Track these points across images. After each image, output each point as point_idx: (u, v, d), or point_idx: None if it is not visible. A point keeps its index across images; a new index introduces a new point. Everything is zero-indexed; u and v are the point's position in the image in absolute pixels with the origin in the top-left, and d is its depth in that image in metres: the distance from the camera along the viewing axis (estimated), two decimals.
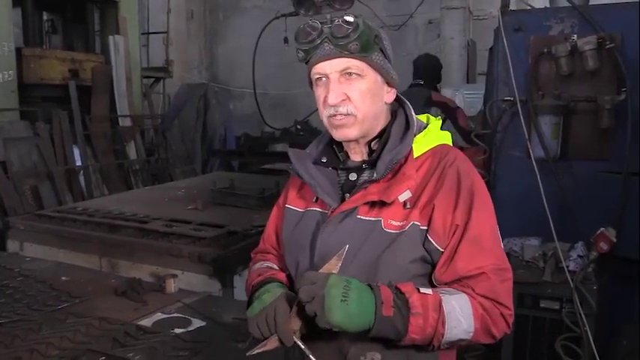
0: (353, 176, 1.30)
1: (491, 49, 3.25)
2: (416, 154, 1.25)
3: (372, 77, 1.23)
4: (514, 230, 2.73)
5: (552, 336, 2.47)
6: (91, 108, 7.17)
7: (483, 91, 3.63)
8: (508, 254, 2.65)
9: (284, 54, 6.66)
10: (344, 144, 1.32)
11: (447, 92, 5.69)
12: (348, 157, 1.32)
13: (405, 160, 1.24)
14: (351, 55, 1.20)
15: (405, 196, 1.20)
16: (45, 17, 8.43)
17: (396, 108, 1.34)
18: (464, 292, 1.17)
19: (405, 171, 1.22)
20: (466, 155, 1.35)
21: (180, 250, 3.02)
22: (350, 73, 1.21)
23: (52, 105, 6.62)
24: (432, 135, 1.29)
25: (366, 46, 1.20)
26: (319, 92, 1.25)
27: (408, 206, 1.20)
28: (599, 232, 2.48)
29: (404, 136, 1.26)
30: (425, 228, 1.20)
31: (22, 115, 6.38)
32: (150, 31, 9.55)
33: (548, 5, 3.10)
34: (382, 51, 1.25)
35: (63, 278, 2.77)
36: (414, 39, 10.08)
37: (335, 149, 1.34)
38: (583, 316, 2.38)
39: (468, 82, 7.76)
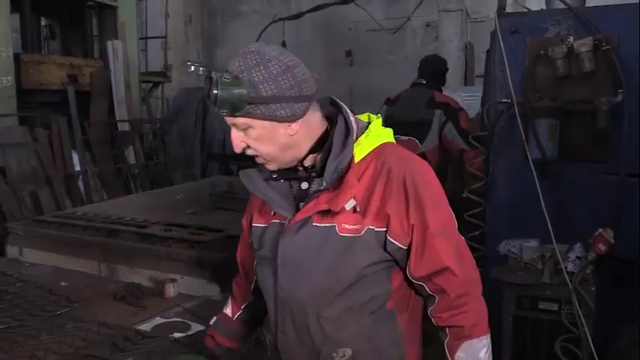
0: (304, 185, 1.35)
1: (488, 51, 3.25)
2: (358, 157, 1.29)
3: (258, 126, 1.25)
4: (512, 232, 2.73)
5: (551, 337, 2.47)
6: (90, 113, 7.19)
7: (481, 94, 3.64)
8: (506, 256, 2.68)
9: None
10: None
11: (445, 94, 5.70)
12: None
13: (349, 166, 1.27)
14: (229, 115, 1.23)
15: (350, 204, 1.26)
16: (43, 23, 8.46)
17: (335, 113, 1.35)
18: (462, 339, 1.29)
19: (347, 179, 1.26)
20: (467, 157, 1.41)
21: (179, 255, 3.02)
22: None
23: (51, 110, 6.64)
24: (372, 136, 1.33)
25: (235, 108, 1.20)
26: None
27: (358, 210, 1.27)
28: (597, 233, 2.48)
29: (345, 142, 1.29)
30: (382, 230, 1.27)
31: (21, 120, 6.39)
32: (148, 35, 9.56)
33: (544, 7, 3.11)
34: (261, 102, 1.21)
35: (62, 283, 2.78)
36: (412, 42, 10.11)
37: None
38: (582, 317, 2.38)
39: (466, 85, 7.79)
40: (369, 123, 1.36)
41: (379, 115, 1.40)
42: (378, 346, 1.32)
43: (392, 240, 1.27)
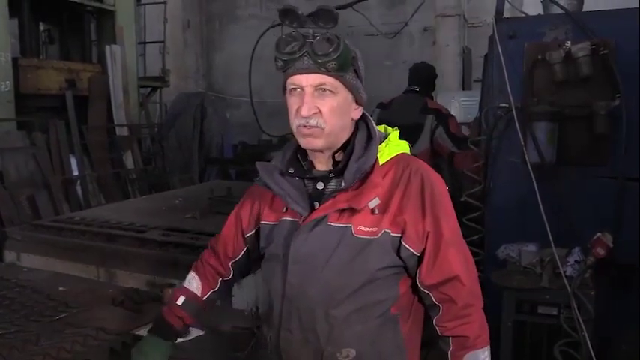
0: (320, 185, 1.37)
1: (486, 56, 3.27)
2: (380, 162, 1.33)
3: (343, 95, 1.30)
4: (511, 236, 2.74)
5: (551, 341, 2.47)
6: (88, 118, 7.18)
7: (479, 98, 3.66)
8: (505, 260, 2.69)
9: None
10: (309, 154, 1.38)
11: (443, 99, 5.73)
12: (313, 166, 1.39)
13: (372, 169, 1.31)
14: (327, 72, 1.26)
15: (374, 203, 1.29)
16: (42, 27, 8.45)
17: (357, 120, 1.40)
18: (466, 349, 1.31)
19: (372, 179, 1.30)
20: (457, 160, 1.44)
21: (178, 259, 3.01)
22: (324, 89, 1.28)
23: (49, 115, 6.62)
24: (392, 145, 1.38)
25: (343, 66, 1.26)
26: (292, 101, 1.31)
27: (377, 212, 1.29)
28: (595, 237, 2.49)
29: (368, 147, 1.34)
30: (397, 235, 1.29)
31: (19, 125, 6.38)
32: (146, 40, 9.57)
33: (541, 12, 3.12)
34: (356, 71, 1.32)
35: (60, 288, 2.76)
36: (410, 46, 10.14)
37: (299, 160, 1.41)
38: (581, 321, 2.38)
39: (463, 89, 7.80)
40: (387, 134, 1.41)
41: (396, 128, 1.44)
42: (380, 349, 1.33)
43: (406, 246, 1.30)
